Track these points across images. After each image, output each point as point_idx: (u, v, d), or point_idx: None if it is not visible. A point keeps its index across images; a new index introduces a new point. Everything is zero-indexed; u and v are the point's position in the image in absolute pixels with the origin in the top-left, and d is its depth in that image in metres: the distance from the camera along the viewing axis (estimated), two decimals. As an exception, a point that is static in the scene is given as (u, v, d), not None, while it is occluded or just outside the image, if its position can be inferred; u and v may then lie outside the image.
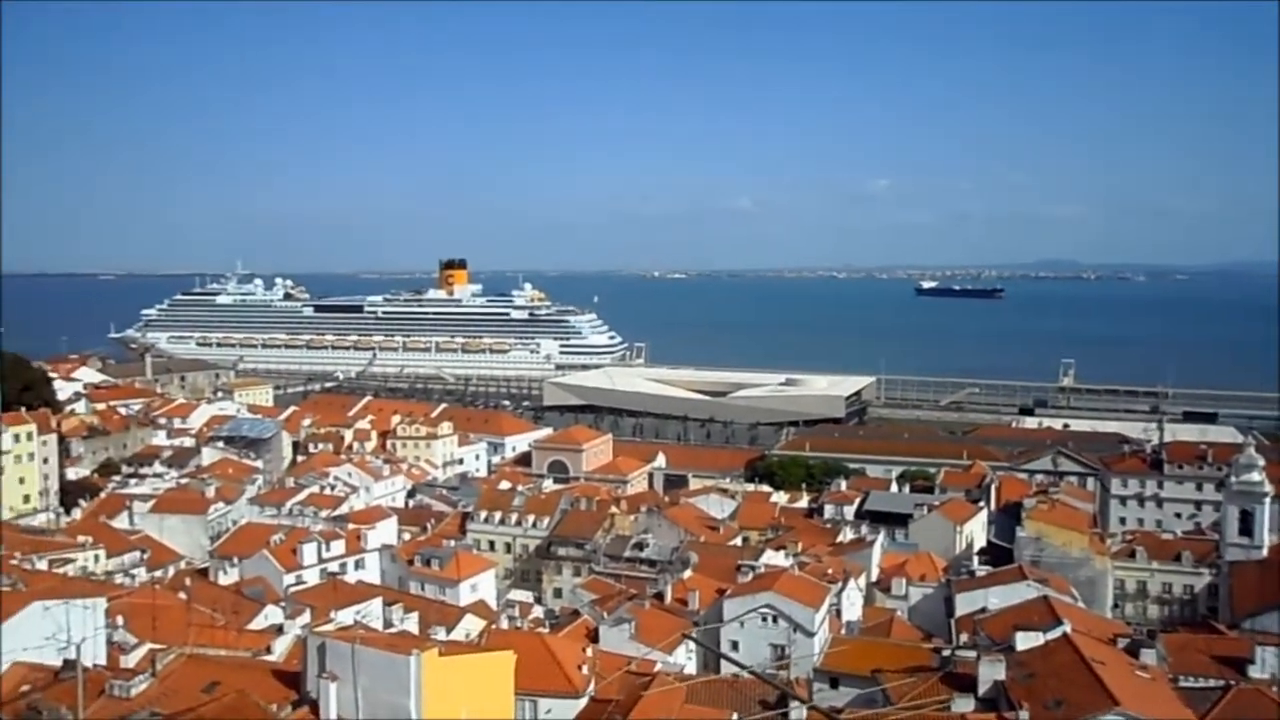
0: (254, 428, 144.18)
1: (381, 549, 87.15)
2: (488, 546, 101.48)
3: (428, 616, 67.68)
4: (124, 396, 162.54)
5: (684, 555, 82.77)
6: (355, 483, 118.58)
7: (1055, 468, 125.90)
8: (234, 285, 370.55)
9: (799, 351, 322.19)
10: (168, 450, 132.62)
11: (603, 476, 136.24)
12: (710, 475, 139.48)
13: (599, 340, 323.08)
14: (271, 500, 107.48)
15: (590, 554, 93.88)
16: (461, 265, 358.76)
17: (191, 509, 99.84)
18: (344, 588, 71.99)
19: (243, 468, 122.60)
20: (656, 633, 63.34)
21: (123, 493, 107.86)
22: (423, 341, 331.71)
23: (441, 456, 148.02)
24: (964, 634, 62.25)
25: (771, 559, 79.63)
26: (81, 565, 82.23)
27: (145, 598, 57.09)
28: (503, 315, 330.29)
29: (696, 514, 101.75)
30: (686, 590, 71.26)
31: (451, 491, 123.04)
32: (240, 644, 51.88)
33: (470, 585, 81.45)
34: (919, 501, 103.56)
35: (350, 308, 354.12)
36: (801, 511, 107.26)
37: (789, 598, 65.03)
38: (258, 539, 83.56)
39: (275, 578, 75.46)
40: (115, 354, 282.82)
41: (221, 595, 66.88)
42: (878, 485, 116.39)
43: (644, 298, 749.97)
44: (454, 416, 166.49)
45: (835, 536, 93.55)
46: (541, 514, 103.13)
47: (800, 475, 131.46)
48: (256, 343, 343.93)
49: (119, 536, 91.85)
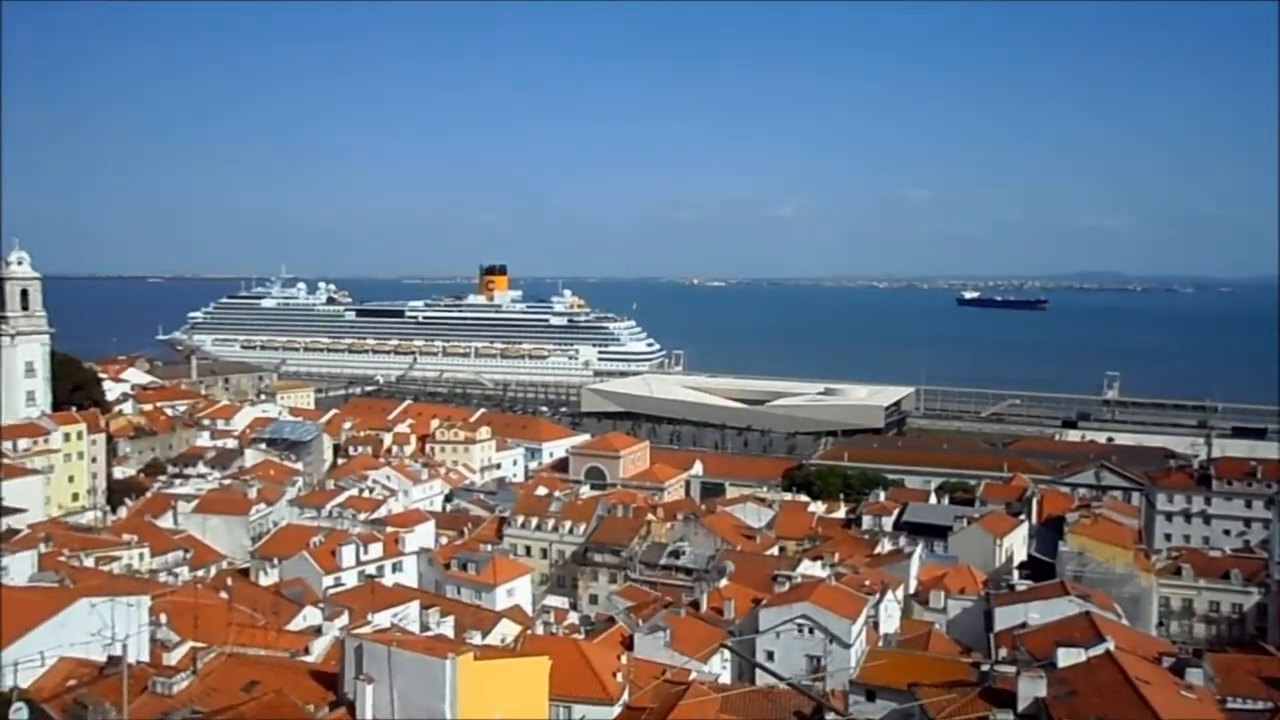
0: (295, 430, 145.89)
1: (419, 552, 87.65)
2: (524, 552, 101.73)
3: (464, 621, 68.02)
4: (170, 398, 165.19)
5: (720, 564, 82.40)
6: (394, 486, 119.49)
7: (1099, 482, 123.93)
8: (278, 289, 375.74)
9: (838, 361, 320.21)
10: (211, 451, 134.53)
11: (640, 483, 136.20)
12: (747, 484, 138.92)
13: (637, 347, 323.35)
14: (311, 502, 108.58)
15: (626, 561, 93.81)
16: (502, 271, 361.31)
17: (234, 510, 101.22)
18: (381, 590, 72.45)
19: (284, 469, 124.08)
20: (691, 641, 63.16)
21: (168, 493, 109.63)
22: (462, 347, 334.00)
23: (479, 461, 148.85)
24: (1004, 649, 61.35)
25: (808, 569, 79.09)
26: (127, 563, 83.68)
27: (188, 596, 57.93)
28: (542, 321, 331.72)
29: (733, 522, 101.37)
30: (722, 599, 70.96)
31: (489, 496, 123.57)
32: (279, 644, 52.47)
33: (506, 590, 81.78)
34: (958, 513, 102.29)
35: (391, 312, 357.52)
36: (839, 522, 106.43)
37: (825, 608, 64.50)
38: (298, 540, 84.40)
39: (314, 579, 76.17)
40: (163, 356, 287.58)
41: (261, 596, 67.65)
42: (916, 496, 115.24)
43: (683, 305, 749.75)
44: (492, 421, 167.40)
45: (873, 547, 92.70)
46: (578, 520, 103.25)
47: (838, 485, 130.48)
48: (299, 346, 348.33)
49: (163, 536, 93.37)
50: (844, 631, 63.40)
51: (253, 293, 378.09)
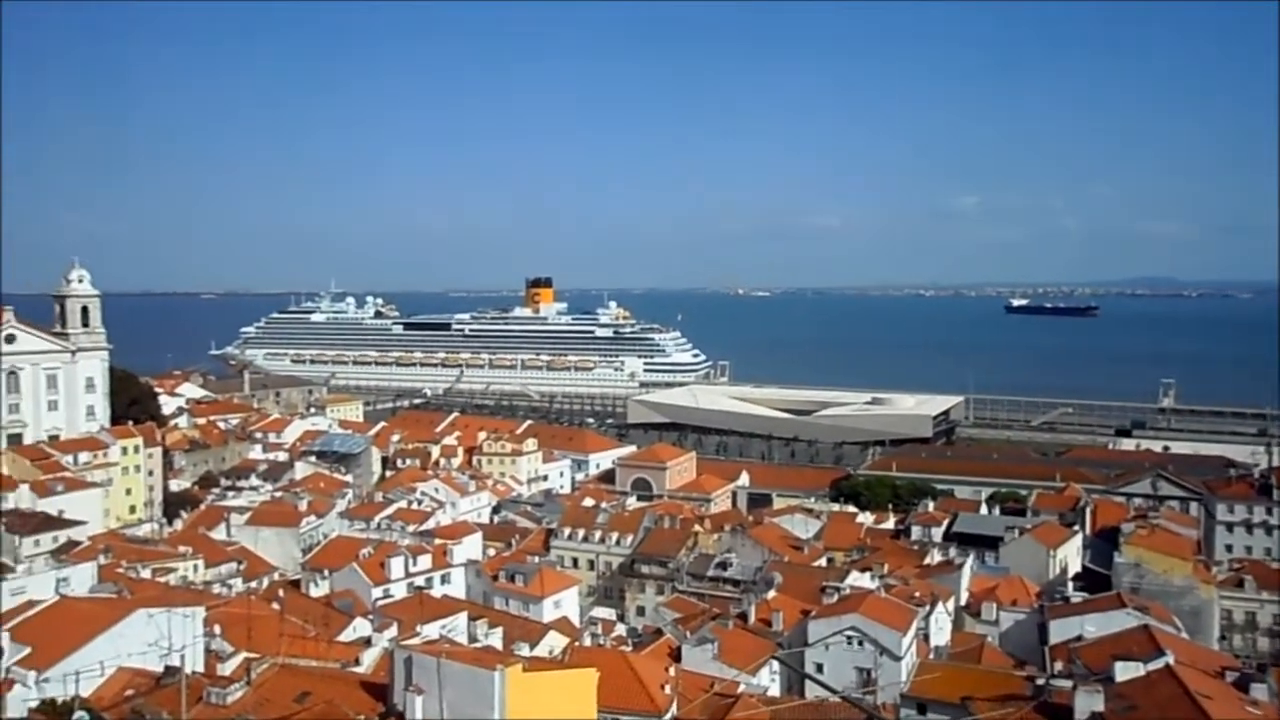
0: (344, 443, 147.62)
1: (467, 564, 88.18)
2: (571, 563, 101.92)
3: (512, 632, 68.23)
4: (223, 411, 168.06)
5: (768, 575, 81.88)
6: (442, 498, 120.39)
7: (1155, 491, 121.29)
8: (327, 304, 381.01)
9: (885, 370, 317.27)
10: (263, 464, 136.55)
11: (686, 494, 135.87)
12: (794, 494, 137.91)
13: (683, 358, 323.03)
14: (361, 514, 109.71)
15: (673, 572, 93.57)
16: (547, 283, 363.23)
17: (285, 522, 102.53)
18: (430, 602, 72.96)
19: (334, 482, 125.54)
20: (740, 653, 62.77)
21: (221, 505, 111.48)
22: (509, 359, 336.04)
23: (526, 473, 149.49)
24: (1059, 662, 60.32)
25: (857, 580, 78.33)
26: (182, 575, 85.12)
27: (241, 608, 58.79)
28: (587, 333, 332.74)
29: (780, 533, 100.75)
30: (770, 611, 70.51)
31: (536, 508, 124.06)
32: (330, 655, 52.97)
33: (554, 602, 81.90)
34: (1010, 524, 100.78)
35: (438, 325, 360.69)
36: (888, 532, 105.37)
37: (875, 620, 63.82)
38: (347, 552, 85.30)
39: (364, 591, 76.90)
40: (216, 370, 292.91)
41: (312, 607, 68.35)
42: (966, 507, 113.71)
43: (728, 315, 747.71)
44: (539, 433, 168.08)
45: (923, 558, 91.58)
46: (625, 531, 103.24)
47: (886, 495, 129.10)
48: (348, 360, 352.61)
49: (217, 547, 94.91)
50: (894, 644, 62.66)
51: (302, 307, 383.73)
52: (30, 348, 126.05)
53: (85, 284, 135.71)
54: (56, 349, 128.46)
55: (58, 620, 44.68)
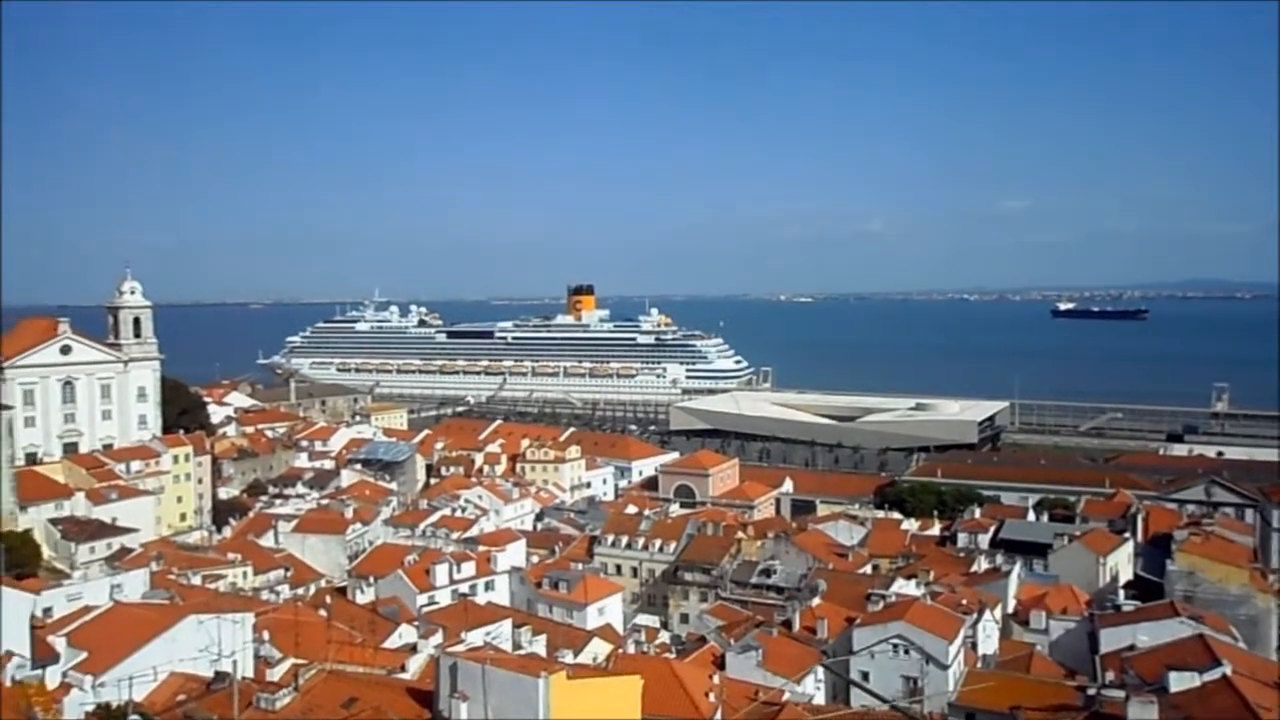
0: (389, 451, 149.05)
1: (511, 571, 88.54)
2: (614, 570, 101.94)
3: (556, 639, 68.47)
4: (270, 420, 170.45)
5: (812, 582, 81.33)
6: (485, 505, 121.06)
7: (1209, 498, 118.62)
8: (371, 313, 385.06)
9: (929, 375, 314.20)
10: (309, 472, 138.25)
11: (729, 501, 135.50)
12: (838, 501, 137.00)
13: (725, 365, 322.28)
14: (405, 521, 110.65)
15: (717, 579, 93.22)
16: (589, 291, 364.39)
17: (331, 529, 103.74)
18: (474, 609, 73.37)
19: (379, 489, 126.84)
20: (784, 661, 62.40)
21: (269, 512, 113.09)
22: (551, 366, 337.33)
23: (569, 480, 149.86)
24: (1110, 672, 59.16)
25: (902, 588, 77.49)
26: (231, 581, 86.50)
27: (289, 614, 59.56)
28: (629, 340, 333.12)
29: (825, 540, 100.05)
30: (815, 618, 69.96)
31: (579, 515, 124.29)
32: (376, 661, 53.42)
33: (597, 609, 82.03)
34: (1058, 531, 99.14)
35: (481, 333, 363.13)
36: (933, 539, 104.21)
37: (921, 628, 63.09)
38: (392, 559, 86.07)
39: (409, 597, 77.53)
40: (263, 379, 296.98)
41: (359, 613, 69.11)
42: (1013, 513, 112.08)
43: (770, 321, 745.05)
44: (581, 440, 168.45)
45: (969, 566, 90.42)
46: (668, 538, 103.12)
47: (932, 502, 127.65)
48: (392, 368, 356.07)
49: (265, 554, 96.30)
50: (941, 652, 61.90)
51: (347, 316, 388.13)
52: (85, 358, 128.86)
53: (137, 295, 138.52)
54: (110, 359, 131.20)
55: (112, 626, 45.58)
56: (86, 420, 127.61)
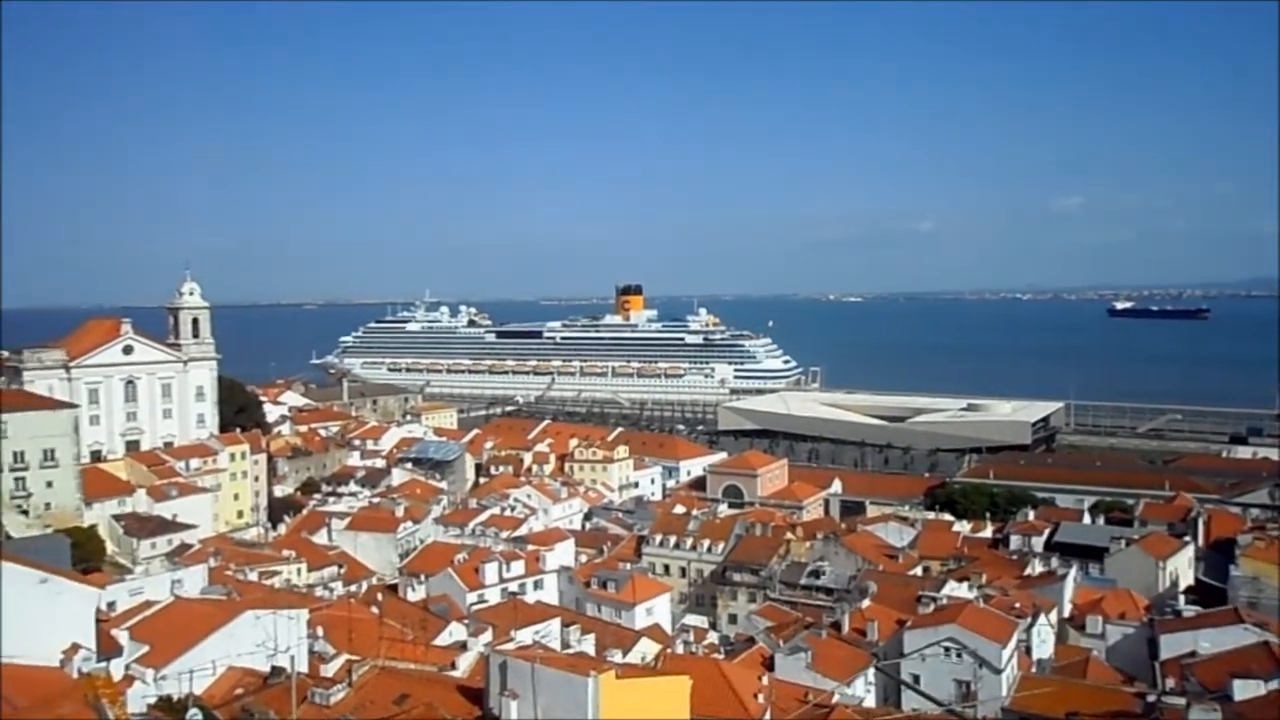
0: (439, 450, 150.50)
1: (559, 570, 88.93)
2: (662, 570, 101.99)
3: (604, 639, 68.61)
4: (323, 419, 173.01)
5: (862, 584, 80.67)
6: (534, 504, 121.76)
7: (1274, 501, 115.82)
8: (422, 313, 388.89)
9: (981, 376, 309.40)
10: (361, 470, 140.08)
11: (778, 502, 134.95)
12: (888, 502, 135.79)
13: (774, 364, 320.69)
14: (455, 520, 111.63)
15: (765, 580, 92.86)
16: (637, 291, 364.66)
17: (383, 527, 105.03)
18: (524, 607, 73.79)
19: (429, 488, 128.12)
20: (834, 663, 61.97)
21: (322, 510, 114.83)
22: (599, 366, 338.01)
23: (617, 480, 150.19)
24: (1170, 679, 57.92)
25: (954, 590, 76.52)
26: (286, 578, 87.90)
27: (342, 611, 60.41)
28: (678, 340, 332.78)
29: (874, 542, 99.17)
30: (865, 620, 69.32)
31: (627, 515, 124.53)
32: (427, 659, 54.02)
33: (646, 609, 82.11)
34: (1115, 534, 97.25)
35: (530, 333, 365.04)
36: (985, 542, 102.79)
37: (974, 631, 62.24)
38: (443, 557, 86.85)
39: (459, 595, 78.19)
40: (316, 379, 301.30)
41: (410, 611, 69.85)
42: (1068, 516, 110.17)
43: (819, 321, 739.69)
44: (629, 440, 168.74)
45: (1022, 569, 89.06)
46: (716, 539, 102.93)
47: (984, 504, 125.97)
48: (442, 368, 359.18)
49: (319, 552, 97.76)
50: (994, 656, 61.04)
51: (398, 317, 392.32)
52: (147, 358, 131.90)
53: (196, 296, 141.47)
54: (170, 359, 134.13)
55: (173, 620, 46.55)
56: (148, 418, 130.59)
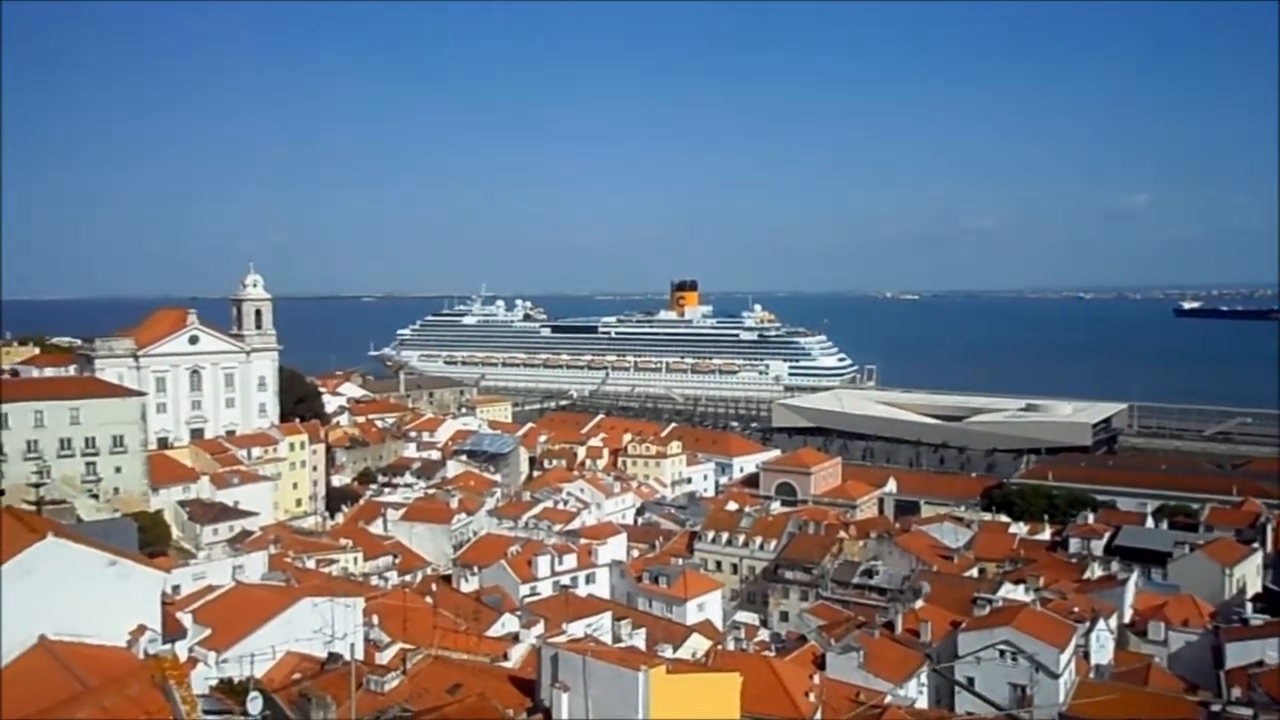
0: (494, 443, 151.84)
1: (611, 565, 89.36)
2: (714, 566, 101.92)
3: (655, 633, 68.72)
4: (380, 411, 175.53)
5: (916, 584, 79.83)
6: (587, 499, 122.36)
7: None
8: (478, 307, 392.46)
9: (1040, 376, 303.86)
10: (417, 462, 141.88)
11: (831, 500, 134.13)
12: (943, 502, 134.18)
13: (828, 362, 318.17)
14: (509, 513, 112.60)
15: (818, 579, 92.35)
16: (692, 287, 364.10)
17: (437, 518, 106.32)
18: (575, 601, 74.24)
19: (483, 481, 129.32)
20: (886, 663, 61.44)
21: (378, 500, 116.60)
22: (653, 361, 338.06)
23: (670, 475, 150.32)
24: (1236, 688, 56.55)
25: (1010, 593, 75.39)
26: (343, 566, 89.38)
27: (396, 600, 61.21)
28: (732, 336, 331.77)
29: (929, 542, 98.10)
30: (918, 621, 68.63)
31: (679, 510, 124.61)
32: (480, 649, 54.57)
33: (697, 604, 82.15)
34: (1179, 539, 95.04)
35: (585, 328, 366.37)
36: (1043, 544, 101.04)
37: (1031, 635, 61.28)
38: (496, 549, 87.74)
39: (511, 587, 78.95)
40: (374, 371, 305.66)
41: (463, 602, 70.64)
42: (1130, 520, 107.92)
43: (875, 319, 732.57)
44: (683, 436, 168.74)
45: (1081, 572, 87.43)
46: (769, 536, 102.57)
47: (1042, 506, 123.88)
48: (497, 361, 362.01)
49: (375, 541, 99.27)
50: (1051, 660, 60.07)
51: (455, 310, 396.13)
52: (211, 348, 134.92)
53: (259, 288, 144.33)
54: (233, 349, 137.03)
55: (234, 605, 47.64)
56: (211, 407, 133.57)
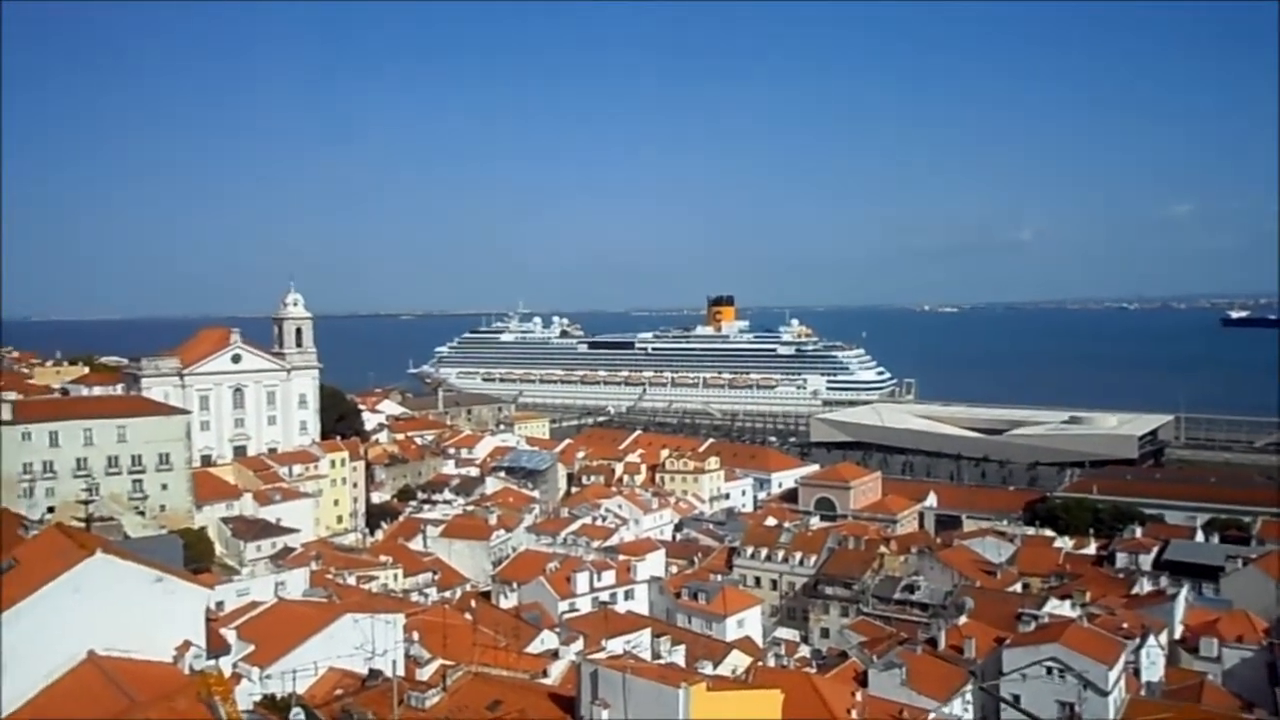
0: (532, 459, 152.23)
1: (650, 581, 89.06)
2: (754, 582, 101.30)
3: (695, 650, 68.38)
4: (419, 428, 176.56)
5: (959, 600, 78.81)
6: (625, 515, 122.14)
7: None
8: (515, 324, 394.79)
9: (1083, 388, 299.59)
10: (456, 479, 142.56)
11: (871, 515, 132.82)
12: (985, 516, 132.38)
13: (867, 376, 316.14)
14: (547, 529, 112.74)
15: (858, 594, 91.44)
16: (729, 302, 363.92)
17: (476, 535, 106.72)
18: (614, 617, 74.10)
19: (521, 497, 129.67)
20: (929, 680, 60.71)
21: (418, 517, 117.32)
22: (691, 377, 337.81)
23: (708, 491, 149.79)
24: (1290, 707, 55.19)
25: (1056, 608, 74.19)
26: (383, 583, 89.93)
27: (436, 616, 61.54)
28: (769, 351, 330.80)
29: (971, 557, 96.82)
30: (962, 637, 67.76)
31: (718, 526, 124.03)
32: (520, 666, 54.52)
33: (737, 621, 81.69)
34: (1231, 553, 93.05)
35: (622, 344, 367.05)
36: (1089, 559, 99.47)
37: (1078, 651, 60.24)
38: (535, 566, 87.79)
39: (550, 604, 78.90)
40: (413, 388, 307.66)
41: (502, 618, 70.64)
42: (1179, 533, 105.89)
43: (914, 332, 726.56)
44: (721, 451, 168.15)
45: (1129, 588, 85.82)
46: (808, 551, 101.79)
47: (1086, 520, 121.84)
48: (535, 378, 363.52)
49: (414, 558, 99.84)
50: (1100, 677, 58.99)
51: (492, 327, 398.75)
52: (253, 366, 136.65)
53: (299, 307, 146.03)
54: (275, 368, 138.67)
55: (277, 621, 48.12)
56: (254, 425, 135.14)
